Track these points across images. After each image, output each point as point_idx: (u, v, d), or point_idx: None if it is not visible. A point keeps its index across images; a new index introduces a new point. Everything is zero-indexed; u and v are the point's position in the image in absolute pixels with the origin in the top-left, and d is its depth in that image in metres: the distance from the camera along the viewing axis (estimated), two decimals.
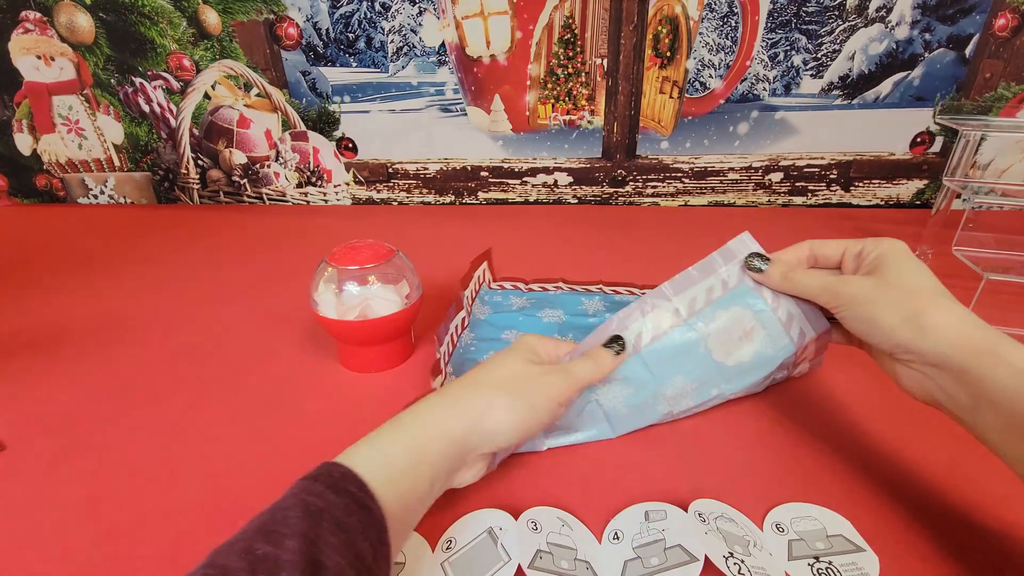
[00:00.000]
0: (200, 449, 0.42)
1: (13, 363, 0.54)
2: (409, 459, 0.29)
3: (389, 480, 0.28)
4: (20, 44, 0.90)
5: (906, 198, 0.93)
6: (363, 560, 0.24)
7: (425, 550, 0.33)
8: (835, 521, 0.34)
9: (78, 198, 1.03)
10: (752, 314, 0.41)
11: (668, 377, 0.41)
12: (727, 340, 0.41)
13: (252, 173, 0.98)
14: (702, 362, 0.41)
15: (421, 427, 0.31)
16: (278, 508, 0.25)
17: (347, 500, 0.25)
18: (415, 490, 0.29)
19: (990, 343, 0.29)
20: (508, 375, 0.35)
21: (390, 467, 0.28)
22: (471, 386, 0.34)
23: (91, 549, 0.34)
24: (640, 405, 0.41)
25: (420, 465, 0.29)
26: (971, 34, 0.81)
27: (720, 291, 0.41)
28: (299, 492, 0.25)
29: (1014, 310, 0.58)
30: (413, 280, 0.50)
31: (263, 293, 0.67)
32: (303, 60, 0.90)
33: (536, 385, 0.35)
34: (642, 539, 0.33)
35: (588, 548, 0.33)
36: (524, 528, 0.33)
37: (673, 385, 0.41)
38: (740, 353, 0.41)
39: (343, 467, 0.27)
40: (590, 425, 0.41)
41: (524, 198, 0.99)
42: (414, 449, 0.30)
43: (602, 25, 0.85)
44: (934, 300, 0.32)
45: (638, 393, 0.41)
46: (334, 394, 0.49)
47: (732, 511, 0.35)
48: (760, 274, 0.40)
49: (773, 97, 0.88)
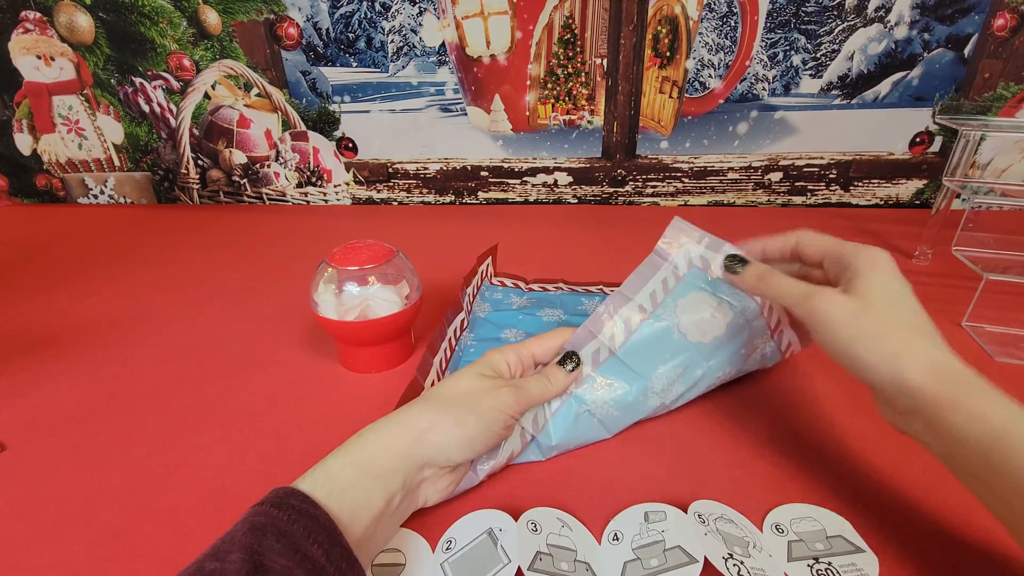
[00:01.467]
0: (200, 449, 0.42)
1: (13, 363, 0.54)
2: (353, 473, 0.30)
3: (332, 492, 0.28)
4: (20, 44, 0.90)
5: (905, 198, 0.93)
6: (314, 561, 0.25)
7: (425, 550, 0.33)
8: (835, 522, 0.34)
9: (78, 198, 1.03)
10: (710, 293, 0.42)
11: (651, 370, 0.41)
12: (698, 321, 0.41)
13: (252, 173, 0.98)
14: (680, 346, 0.41)
15: (363, 445, 0.32)
16: (228, 532, 0.26)
17: (289, 512, 0.26)
18: (367, 504, 0.29)
19: (958, 395, 0.28)
20: (458, 391, 0.35)
21: (333, 482, 0.29)
22: (419, 403, 0.35)
23: (91, 549, 0.34)
24: (631, 403, 0.41)
25: (366, 479, 0.30)
26: (970, 34, 0.81)
27: (673, 280, 0.42)
28: (247, 516, 0.27)
29: (1014, 310, 0.58)
30: (413, 281, 0.50)
31: (263, 293, 0.67)
32: (303, 60, 0.90)
33: (486, 398, 0.35)
34: (642, 540, 0.33)
35: (588, 549, 0.33)
36: (524, 529, 0.33)
37: (659, 378, 0.41)
38: (714, 328, 0.41)
39: (288, 487, 0.28)
40: (589, 436, 0.41)
41: (524, 198, 0.99)
42: (358, 464, 0.30)
43: (602, 25, 0.85)
44: (914, 340, 0.30)
45: (627, 393, 0.41)
46: (334, 394, 0.49)
47: (732, 512, 0.35)
48: (736, 276, 0.39)
49: (772, 97, 0.88)
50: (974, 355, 0.53)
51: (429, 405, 0.34)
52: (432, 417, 0.33)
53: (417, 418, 0.33)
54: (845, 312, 0.31)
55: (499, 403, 0.35)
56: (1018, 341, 0.55)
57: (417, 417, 0.33)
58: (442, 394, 0.35)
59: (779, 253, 0.39)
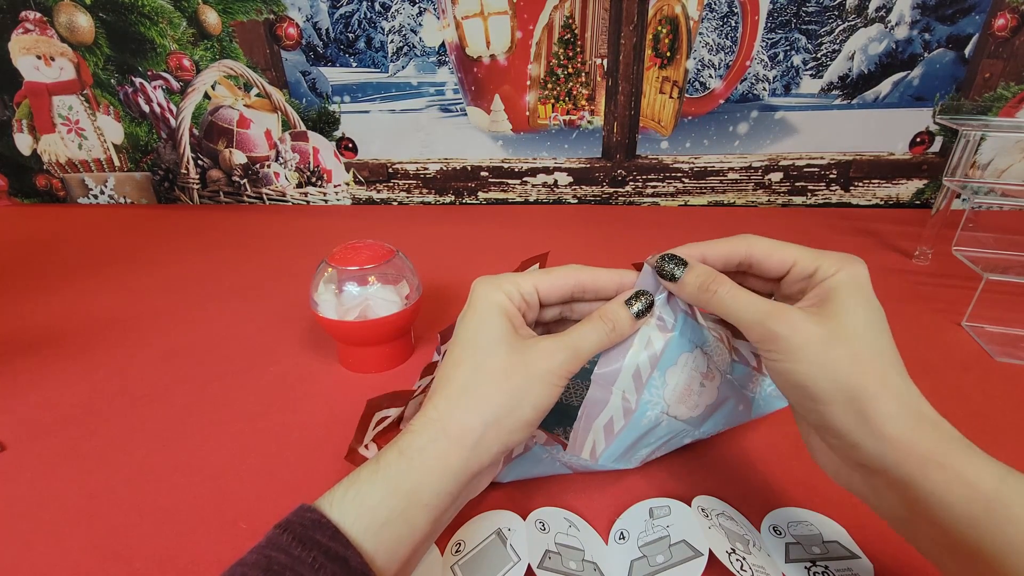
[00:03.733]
0: (200, 449, 0.42)
1: (13, 363, 0.54)
2: (396, 504, 0.25)
3: (369, 529, 0.24)
4: (20, 44, 0.90)
5: (906, 198, 0.93)
6: None
7: (434, 554, 0.32)
8: (831, 528, 0.34)
9: (78, 198, 1.03)
10: (700, 351, 0.34)
11: (635, 453, 0.36)
12: (687, 395, 0.34)
13: (252, 173, 0.98)
14: (668, 429, 0.35)
15: (408, 469, 0.26)
16: (240, 566, 0.22)
17: (315, 553, 0.22)
18: (409, 535, 0.25)
19: (942, 451, 0.24)
20: (497, 368, 0.28)
21: (371, 516, 0.24)
22: (460, 398, 0.28)
23: (91, 549, 0.34)
24: (619, 459, 0.37)
25: (411, 509, 0.25)
26: (970, 34, 0.81)
27: (660, 341, 0.32)
28: (264, 547, 0.23)
29: (1014, 310, 0.58)
30: (413, 281, 0.50)
31: (263, 293, 0.67)
32: (303, 60, 0.90)
33: (533, 368, 0.28)
34: (647, 537, 0.33)
35: (595, 549, 0.33)
36: (533, 528, 0.33)
37: (639, 456, 0.37)
38: (705, 397, 0.35)
39: (316, 514, 0.23)
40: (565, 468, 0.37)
41: (524, 198, 0.99)
42: (402, 492, 0.25)
43: (602, 25, 0.85)
44: (885, 380, 0.25)
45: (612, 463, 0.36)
46: (334, 394, 0.49)
47: (732, 510, 0.36)
48: (673, 283, 0.31)
49: (773, 97, 0.88)
50: (974, 355, 0.53)
51: (472, 402, 0.28)
52: (483, 421, 0.27)
53: (465, 423, 0.27)
54: (811, 340, 0.26)
55: (552, 368, 0.28)
56: (1018, 341, 0.55)
57: (464, 422, 0.27)
58: (479, 379, 0.28)
59: (723, 263, 0.31)
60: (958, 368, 0.51)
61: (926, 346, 0.55)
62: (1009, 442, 0.42)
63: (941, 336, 0.56)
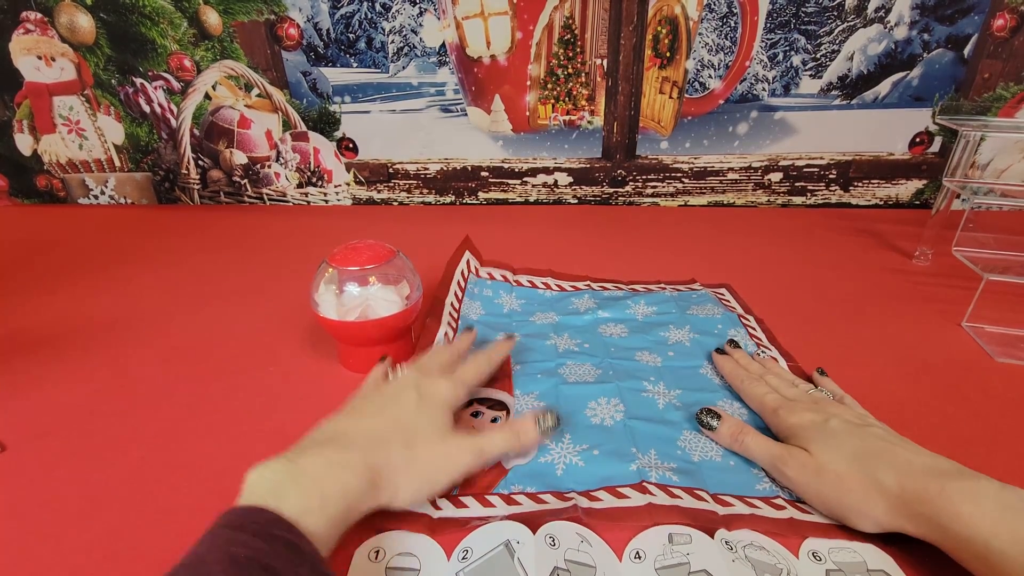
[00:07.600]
0: (200, 449, 0.42)
1: (13, 363, 0.54)
2: (329, 498, 0.30)
3: (309, 510, 0.28)
4: (21, 44, 0.90)
5: (905, 198, 0.93)
6: None
7: (440, 558, 0.32)
8: (876, 556, 0.33)
9: (78, 198, 1.03)
10: None
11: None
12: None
13: (253, 173, 0.98)
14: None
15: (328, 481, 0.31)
16: (197, 556, 0.25)
17: (273, 544, 0.26)
18: (343, 521, 0.30)
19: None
20: (420, 459, 0.35)
21: (308, 498, 0.29)
22: (379, 450, 0.34)
23: (91, 549, 0.34)
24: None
25: (341, 504, 0.30)
26: (970, 34, 0.81)
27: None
28: (221, 541, 0.26)
29: (1014, 310, 0.58)
30: (413, 281, 0.50)
31: (263, 293, 0.67)
32: (304, 60, 0.90)
33: (442, 460, 0.35)
34: (665, 561, 0.32)
35: (608, 567, 0.32)
36: (542, 543, 0.32)
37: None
38: None
39: (268, 514, 0.27)
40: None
41: (524, 198, 0.99)
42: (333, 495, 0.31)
43: (602, 25, 0.85)
44: (865, 500, 0.33)
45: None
46: (334, 394, 0.48)
47: (763, 538, 0.34)
48: (712, 432, 0.41)
49: (772, 97, 0.88)
50: (974, 355, 0.53)
51: (387, 474, 0.33)
52: (394, 486, 0.33)
53: (377, 491, 0.33)
54: (807, 473, 0.35)
55: (457, 465, 0.36)
56: (1018, 341, 0.55)
57: (378, 489, 0.33)
58: (403, 449, 0.34)
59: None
60: (958, 368, 0.51)
61: (926, 346, 0.55)
62: (1009, 442, 0.42)
63: (941, 336, 0.56)
